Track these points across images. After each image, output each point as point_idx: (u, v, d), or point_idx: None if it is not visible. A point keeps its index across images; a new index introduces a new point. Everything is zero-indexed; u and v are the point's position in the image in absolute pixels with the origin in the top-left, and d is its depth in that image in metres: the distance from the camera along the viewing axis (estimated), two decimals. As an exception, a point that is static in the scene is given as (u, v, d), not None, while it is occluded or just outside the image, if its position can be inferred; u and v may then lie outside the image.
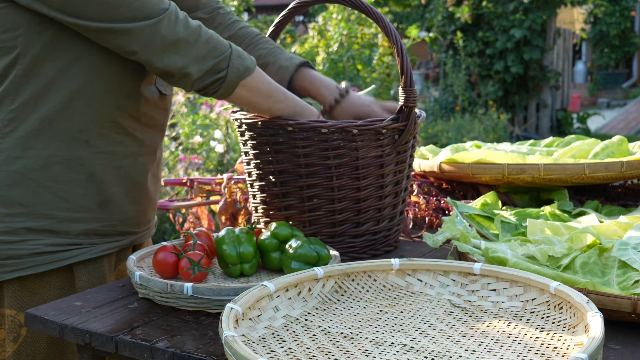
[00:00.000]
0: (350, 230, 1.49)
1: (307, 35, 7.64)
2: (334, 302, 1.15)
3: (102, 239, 1.43)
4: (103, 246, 1.43)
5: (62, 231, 1.38)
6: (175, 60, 1.28)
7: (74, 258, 1.39)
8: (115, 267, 1.49)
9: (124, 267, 1.51)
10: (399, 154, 1.49)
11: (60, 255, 1.38)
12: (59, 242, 1.37)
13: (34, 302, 1.37)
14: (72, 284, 1.41)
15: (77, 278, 1.40)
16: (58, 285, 1.39)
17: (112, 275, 1.49)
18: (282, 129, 1.43)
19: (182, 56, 1.28)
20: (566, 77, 12.02)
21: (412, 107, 1.44)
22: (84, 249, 1.40)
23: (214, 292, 1.17)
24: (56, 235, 1.37)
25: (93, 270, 1.42)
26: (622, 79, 17.07)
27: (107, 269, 1.45)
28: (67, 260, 1.38)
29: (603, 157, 1.74)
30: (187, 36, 1.28)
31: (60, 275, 1.39)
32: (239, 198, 1.80)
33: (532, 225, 1.41)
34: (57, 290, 1.39)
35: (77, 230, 1.39)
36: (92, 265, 1.42)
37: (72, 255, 1.39)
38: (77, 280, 1.40)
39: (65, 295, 1.40)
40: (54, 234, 1.37)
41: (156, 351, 1.07)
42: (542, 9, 10.45)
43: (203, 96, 1.53)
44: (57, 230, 1.37)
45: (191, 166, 5.01)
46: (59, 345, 1.40)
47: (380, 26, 1.42)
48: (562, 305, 1.04)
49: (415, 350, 0.97)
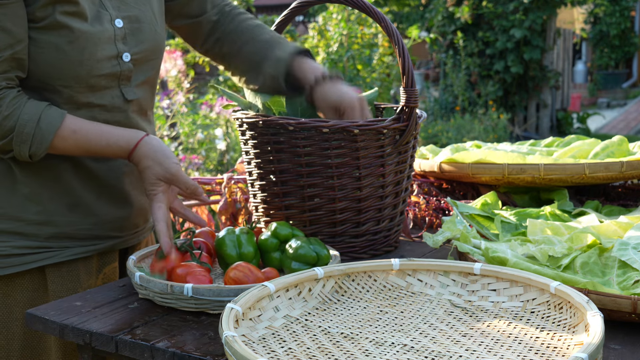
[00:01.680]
0: (351, 230, 1.49)
1: (307, 35, 7.63)
2: (334, 302, 1.15)
3: (75, 242, 1.42)
4: (76, 249, 1.42)
5: (31, 234, 1.38)
6: None
7: (43, 261, 1.39)
8: (99, 271, 1.48)
9: (112, 271, 1.50)
10: (399, 154, 1.49)
11: (29, 257, 1.38)
12: (28, 245, 1.38)
13: (7, 303, 1.38)
14: (44, 286, 1.40)
15: (49, 281, 1.40)
16: (30, 287, 1.40)
17: (97, 278, 1.47)
18: (283, 129, 1.43)
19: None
20: (566, 77, 12.02)
21: (414, 108, 1.44)
22: (54, 252, 1.40)
23: (214, 293, 1.17)
24: (25, 237, 1.37)
25: (66, 274, 1.42)
26: (622, 79, 17.06)
27: (83, 273, 1.44)
28: (36, 263, 1.38)
29: (603, 157, 1.74)
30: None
31: (33, 277, 1.40)
32: (239, 198, 1.80)
33: (532, 225, 1.41)
34: (30, 292, 1.39)
35: (46, 233, 1.39)
36: (65, 269, 1.42)
37: (41, 258, 1.39)
38: (50, 283, 1.40)
39: (39, 297, 1.40)
40: (23, 236, 1.37)
41: (156, 351, 1.07)
42: (542, 9, 10.45)
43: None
44: (26, 232, 1.37)
45: (191, 166, 5.01)
46: (34, 348, 1.40)
47: (382, 26, 1.42)
48: (562, 305, 1.04)
49: (415, 350, 0.97)
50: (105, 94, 1.40)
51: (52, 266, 1.41)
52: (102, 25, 1.37)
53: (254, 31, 1.60)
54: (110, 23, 1.38)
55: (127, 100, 1.44)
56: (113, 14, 1.39)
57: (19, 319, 1.38)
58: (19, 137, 1.29)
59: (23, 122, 1.29)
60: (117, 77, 1.40)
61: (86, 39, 1.33)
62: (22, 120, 1.29)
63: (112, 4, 1.40)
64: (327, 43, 6.93)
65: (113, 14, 1.39)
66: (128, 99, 1.44)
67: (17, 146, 1.30)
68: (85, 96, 1.37)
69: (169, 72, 5.31)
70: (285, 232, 1.35)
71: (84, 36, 1.33)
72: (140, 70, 1.46)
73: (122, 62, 1.40)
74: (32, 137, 1.30)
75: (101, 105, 1.40)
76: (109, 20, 1.38)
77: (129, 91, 1.44)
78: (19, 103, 1.30)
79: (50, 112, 1.31)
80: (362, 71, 6.92)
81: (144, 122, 1.51)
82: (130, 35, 1.42)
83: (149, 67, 1.48)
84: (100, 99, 1.39)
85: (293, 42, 1.59)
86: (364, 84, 6.77)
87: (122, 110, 1.44)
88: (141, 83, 1.47)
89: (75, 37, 1.31)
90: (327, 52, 6.86)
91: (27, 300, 1.39)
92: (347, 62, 6.81)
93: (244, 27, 1.62)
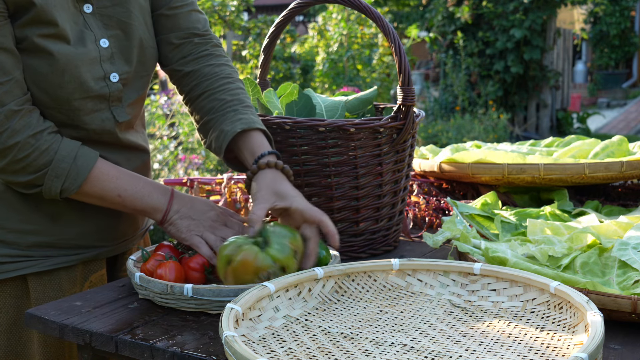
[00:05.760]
0: (349, 229, 1.49)
1: (307, 35, 7.64)
2: (334, 302, 1.15)
3: (57, 252, 1.40)
4: (59, 259, 1.40)
5: (12, 242, 1.37)
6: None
7: (24, 270, 1.37)
8: (85, 279, 1.45)
9: (99, 278, 1.48)
10: (397, 153, 1.49)
11: (9, 266, 1.37)
12: (9, 253, 1.36)
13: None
14: (27, 294, 1.39)
15: (31, 289, 1.39)
16: (14, 294, 1.39)
17: (83, 286, 1.45)
18: (280, 128, 1.43)
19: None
20: (566, 77, 12.02)
21: (410, 106, 1.43)
22: (36, 260, 1.38)
23: (214, 293, 1.17)
24: (5, 245, 1.36)
25: (48, 282, 1.40)
26: (622, 79, 17.06)
27: (66, 281, 1.41)
28: (17, 272, 1.37)
29: (603, 157, 1.74)
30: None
31: (17, 284, 1.38)
32: (239, 198, 1.80)
33: (532, 225, 1.41)
34: (13, 299, 1.38)
35: (28, 242, 1.37)
36: (47, 277, 1.40)
37: (22, 267, 1.37)
38: (32, 291, 1.39)
39: (22, 304, 1.39)
40: (3, 244, 1.36)
41: (156, 351, 1.07)
42: (542, 9, 10.45)
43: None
44: (7, 240, 1.36)
45: (191, 166, 5.00)
46: (17, 354, 1.39)
47: (378, 25, 1.42)
48: (562, 305, 1.04)
49: (415, 350, 0.97)
50: (94, 117, 1.35)
51: (34, 275, 1.39)
52: (85, 46, 1.31)
53: (217, 82, 1.45)
54: (94, 43, 1.33)
55: (118, 122, 1.39)
56: (98, 33, 1.34)
57: (2, 325, 1.37)
58: (54, 171, 1.27)
59: (61, 157, 1.27)
60: (107, 99, 1.36)
61: (66, 62, 1.28)
62: (60, 156, 1.27)
63: (96, 23, 1.34)
64: (327, 43, 6.93)
65: (98, 34, 1.33)
66: (119, 120, 1.39)
67: (50, 181, 1.27)
68: (70, 119, 1.33)
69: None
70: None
71: (64, 59, 1.28)
72: (132, 88, 1.41)
73: (110, 82, 1.35)
74: (67, 172, 1.27)
75: (88, 129, 1.35)
76: (93, 40, 1.33)
77: (121, 112, 1.39)
78: (57, 138, 1.29)
79: (86, 151, 1.30)
80: (362, 71, 6.92)
81: (134, 136, 1.47)
82: (118, 55, 1.36)
83: (142, 84, 1.43)
84: (89, 122, 1.35)
85: (249, 110, 1.41)
86: (364, 84, 6.77)
87: (111, 133, 1.39)
88: (134, 101, 1.42)
89: (54, 60, 1.27)
90: (327, 52, 6.86)
91: (10, 307, 1.38)
92: (347, 62, 6.81)
93: (208, 72, 1.45)
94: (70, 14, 1.30)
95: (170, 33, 1.45)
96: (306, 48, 7.79)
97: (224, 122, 1.38)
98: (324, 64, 6.83)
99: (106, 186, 1.31)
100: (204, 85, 1.44)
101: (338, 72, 6.80)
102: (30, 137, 1.26)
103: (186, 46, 1.46)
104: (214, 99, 1.42)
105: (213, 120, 1.41)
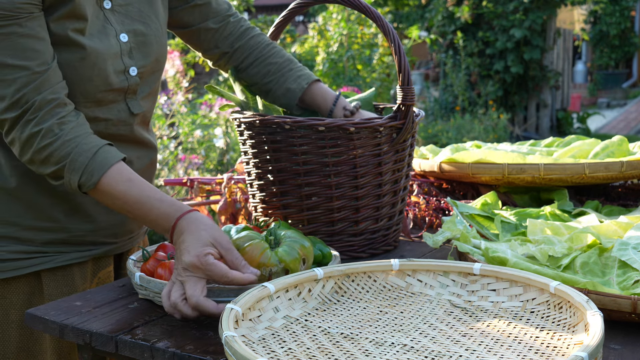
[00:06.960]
0: (349, 228, 1.49)
1: (307, 35, 7.64)
2: (334, 303, 1.15)
3: (71, 248, 1.42)
4: (72, 255, 1.43)
5: (27, 239, 1.38)
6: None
7: (38, 266, 1.39)
8: (94, 275, 1.48)
9: (106, 275, 1.50)
10: (397, 153, 1.49)
11: (24, 262, 1.38)
12: (23, 250, 1.38)
13: (3, 306, 1.38)
14: (40, 290, 1.41)
15: (45, 285, 1.40)
16: (27, 291, 1.40)
17: (92, 282, 1.48)
18: (279, 127, 1.43)
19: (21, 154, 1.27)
20: (566, 77, 12.02)
21: (410, 105, 1.44)
22: (50, 257, 1.40)
23: (214, 294, 1.17)
24: (20, 242, 1.38)
25: (62, 278, 1.42)
26: (622, 79, 17.05)
27: (78, 277, 1.44)
28: (31, 268, 1.39)
29: (603, 157, 1.74)
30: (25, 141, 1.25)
31: (30, 280, 1.40)
32: (239, 198, 1.80)
33: (532, 225, 1.41)
34: (26, 296, 1.40)
35: (43, 238, 1.39)
36: (61, 273, 1.42)
37: (36, 263, 1.39)
38: (46, 287, 1.41)
39: (35, 300, 1.41)
40: (19, 241, 1.38)
41: (156, 351, 1.07)
42: (542, 9, 10.44)
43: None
44: (22, 237, 1.38)
45: (191, 166, 5.00)
46: (30, 350, 1.40)
47: (377, 25, 1.42)
48: (562, 304, 1.04)
49: (415, 350, 0.97)
50: (111, 108, 1.39)
51: (48, 270, 1.41)
52: (108, 40, 1.36)
53: (264, 49, 1.60)
54: (115, 38, 1.37)
55: (133, 113, 1.43)
56: (118, 28, 1.38)
57: (15, 321, 1.39)
58: (72, 164, 1.25)
59: (81, 150, 1.25)
60: (124, 92, 1.40)
61: (96, 55, 1.32)
62: (80, 149, 1.25)
63: (116, 19, 1.38)
64: (327, 43, 6.93)
65: (118, 29, 1.38)
66: (134, 112, 1.43)
67: (69, 173, 1.25)
68: (91, 111, 1.36)
69: (167, 72, 5.30)
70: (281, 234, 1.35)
71: (94, 52, 1.32)
72: (146, 82, 1.45)
73: (130, 76, 1.40)
74: (85, 166, 1.25)
75: (107, 119, 1.39)
76: (114, 35, 1.37)
77: (135, 104, 1.43)
78: (83, 131, 1.27)
79: (110, 150, 1.27)
80: (362, 71, 6.92)
81: (146, 133, 1.51)
82: (136, 49, 1.41)
83: (154, 78, 1.48)
84: (106, 113, 1.38)
85: (301, 66, 1.62)
86: (364, 84, 6.76)
87: (127, 124, 1.43)
88: (146, 95, 1.46)
89: (86, 54, 1.31)
90: (327, 52, 6.85)
91: (23, 303, 1.39)
92: (347, 62, 6.80)
93: (254, 43, 1.60)
94: (94, 9, 1.34)
95: (207, 20, 1.58)
96: (306, 48, 7.79)
97: (287, 81, 1.57)
98: (324, 64, 6.82)
99: (125, 191, 1.26)
100: (254, 54, 1.60)
101: (338, 72, 6.80)
102: (56, 125, 1.25)
103: (226, 27, 1.60)
104: (268, 64, 1.59)
105: (273, 82, 1.58)
